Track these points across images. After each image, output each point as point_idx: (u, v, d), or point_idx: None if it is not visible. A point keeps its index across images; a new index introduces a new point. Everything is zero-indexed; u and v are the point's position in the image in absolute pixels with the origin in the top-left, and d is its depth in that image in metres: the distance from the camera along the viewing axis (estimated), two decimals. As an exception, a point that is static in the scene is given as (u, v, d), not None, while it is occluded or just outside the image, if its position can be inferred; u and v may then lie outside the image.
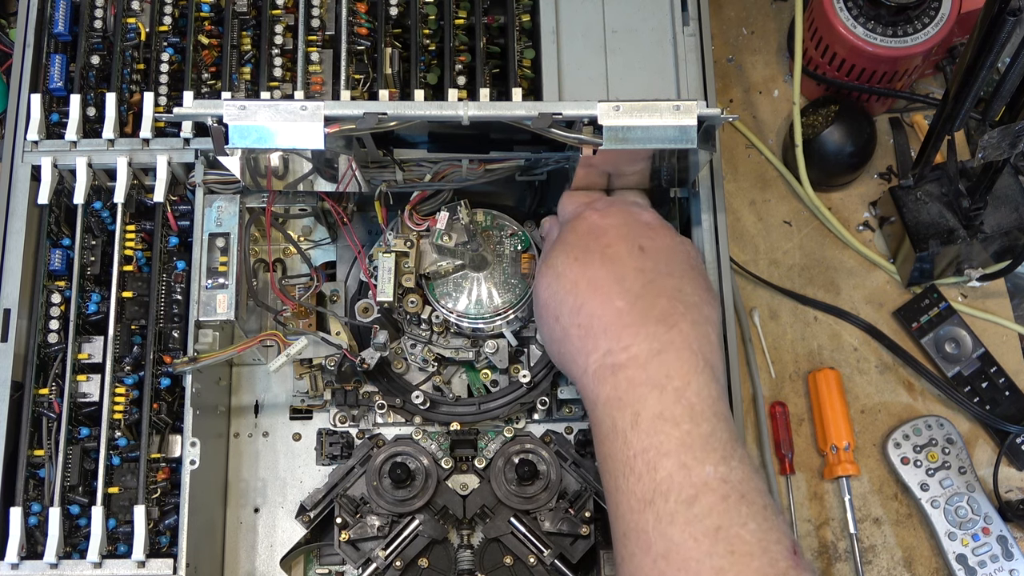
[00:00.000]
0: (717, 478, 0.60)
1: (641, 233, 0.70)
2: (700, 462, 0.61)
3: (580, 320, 0.67)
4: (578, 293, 0.68)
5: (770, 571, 0.58)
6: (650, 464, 0.61)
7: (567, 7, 0.82)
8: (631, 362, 0.65)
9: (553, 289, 0.69)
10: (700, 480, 0.60)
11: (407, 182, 0.76)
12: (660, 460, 0.61)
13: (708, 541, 0.59)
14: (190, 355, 0.73)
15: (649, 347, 0.65)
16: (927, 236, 0.90)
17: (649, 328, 0.65)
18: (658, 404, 0.63)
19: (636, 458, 0.62)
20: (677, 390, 0.63)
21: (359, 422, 0.81)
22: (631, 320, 0.66)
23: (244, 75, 0.82)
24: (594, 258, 0.69)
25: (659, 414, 0.62)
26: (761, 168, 1.01)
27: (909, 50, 0.91)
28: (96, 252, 0.77)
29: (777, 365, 0.95)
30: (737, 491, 0.60)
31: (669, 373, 0.64)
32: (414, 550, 0.76)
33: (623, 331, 0.65)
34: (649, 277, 0.68)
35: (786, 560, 0.59)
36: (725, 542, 0.59)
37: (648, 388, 0.63)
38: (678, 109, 0.66)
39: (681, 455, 0.61)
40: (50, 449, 0.73)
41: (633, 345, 0.65)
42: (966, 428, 0.92)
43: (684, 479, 0.60)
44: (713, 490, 0.60)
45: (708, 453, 0.61)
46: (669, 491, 0.60)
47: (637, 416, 0.63)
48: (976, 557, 0.87)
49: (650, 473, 0.61)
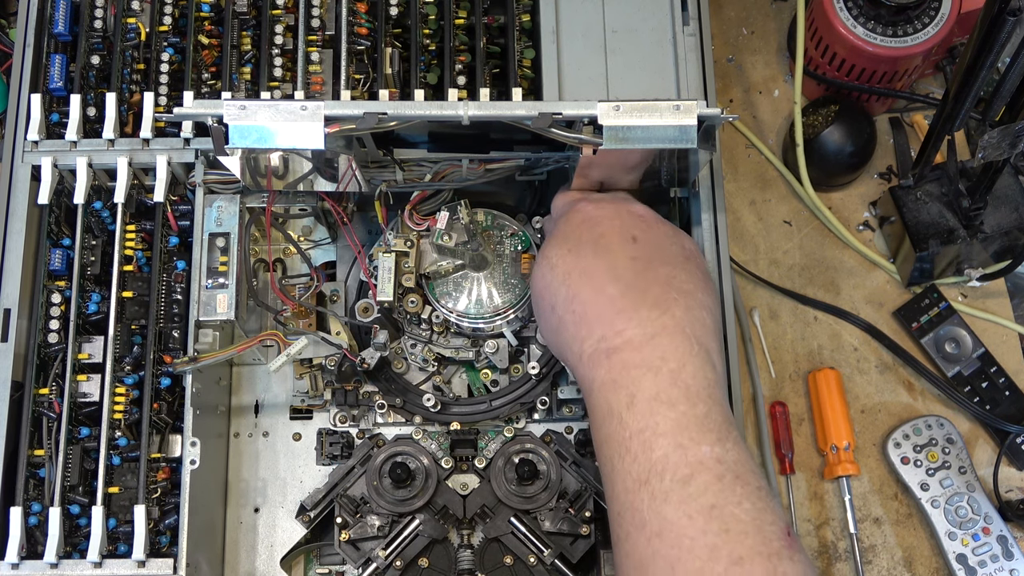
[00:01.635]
0: (712, 458, 0.61)
1: (634, 224, 0.71)
2: (696, 442, 0.61)
3: (574, 308, 0.68)
4: (571, 283, 0.68)
5: (764, 549, 0.58)
6: (646, 444, 0.62)
7: (567, 7, 0.82)
8: (625, 345, 0.65)
9: (548, 280, 0.70)
10: (696, 459, 0.61)
11: (407, 182, 0.76)
12: (656, 440, 0.61)
13: (702, 519, 0.59)
14: (190, 355, 0.74)
15: (643, 331, 0.65)
16: (927, 236, 0.90)
17: (642, 313, 0.65)
18: (653, 386, 0.63)
19: (632, 439, 0.62)
20: (672, 372, 0.63)
21: (359, 422, 0.82)
22: (624, 306, 0.66)
23: (244, 75, 0.82)
24: (587, 248, 0.69)
25: (655, 395, 0.63)
26: (761, 168, 1.01)
27: (909, 50, 0.91)
28: (96, 252, 0.77)
29: (777, 365, 0.95)
30: (732, 471, 0.61)
31: (664, 355, 0.64)
32: (414, 550, 0.76)
33: (616, 317, 0.66)
34: (642, 265, 0.68)
35: (780, 540, 0.59)
36: (719, 520, 0.59)
37: (643, 370, 0.64)
38: (678, 109, 0.66)
39: (677, 435, 0.61)
40: (50, 449, 0.73)
41: (627, 330, 0.65)
42: (966, 428, 0.92)
43: (680, 459, 0.61)
44: (708, 469, 0.60)
45: (704, 433, 0.62)
46: (664, 470, 0.61)
47: (633, 398, 0.63)
48: (976, 557, 0.87)
49: (646, 453, 0.61)
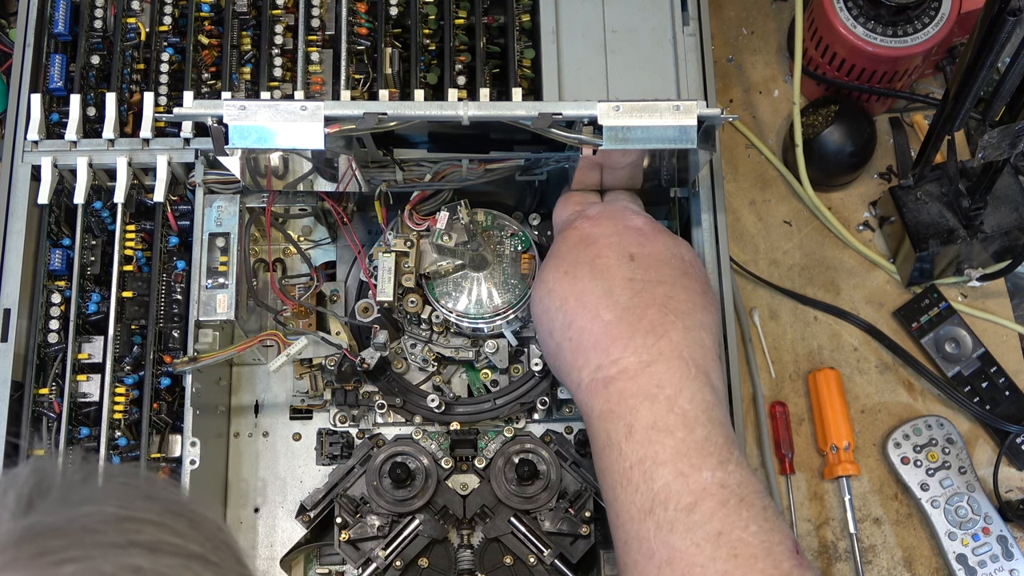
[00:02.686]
0: (715, 483, 0.60)
1: (632, 241, 0.70)
2: (697, 468, 0.61)
3: (571, 335, 0.67)
4: (567, 309, 0.68)
5: (774, 572, 0.58)
6: (647, 474, 0.61)
7: (567, 7, 0.82)
8: (621, 375, 0.64)
9: (545, 304, 0.70)
10: (698, 487, 0.60)
11: (407, 182, 0.76)
12: (656, 470, 0.61)
13: (710, 546, 0.59)
14: (190, 355, 0.74)
15: (639, 359, 0.64)
16: (927, 236, 0.90)
17: (638, 340, 0.65)
18: (650, 414, 0.63)
19: (632, 469, 0.62)
20: (669, 399, 0.63)
21: (359, 422, 0.81)
22: (619, 333, 0.66)
23: (244, 75, 0.82)
24: (583, 271, 0.69)
25: (652, 424, 0.62)
26: (761, 168, 1.01)
27: (909, 50, 0.91)
28: (96, 252, 0.77)
29: (777, 365, 0.95)
30: (736, 495, 0.60)
31: (660, 383, 0.64)
32: (414, 550, 0.76)
33: (612, 345, 0.65)
34: (638, 287, 0.67)
35: (789, 560, 0.59)
36: (728, 546, 0.59)
37: (639, 399, 0.63)
38: (678, 109, 0.66)
39: (677, 463, 0.61)
40: (50, 449, 0.73)
41: (623, 358, 0.65)
42: (966, 428, 0.92)
43: (682, 487, 0.60)
44: (712, 495, 0.60)
45: (704, 459, 0.61)
46: (668, 500, 0.60)
47: (630, 428, 0.63)
48: (976, 557, 0.87)
49: (647, 483, 0.61)
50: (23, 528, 0.38)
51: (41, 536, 0.38)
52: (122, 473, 0.43)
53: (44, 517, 0.39)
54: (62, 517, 0.39)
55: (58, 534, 0.38)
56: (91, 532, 0.39)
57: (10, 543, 0.37)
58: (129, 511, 0.40)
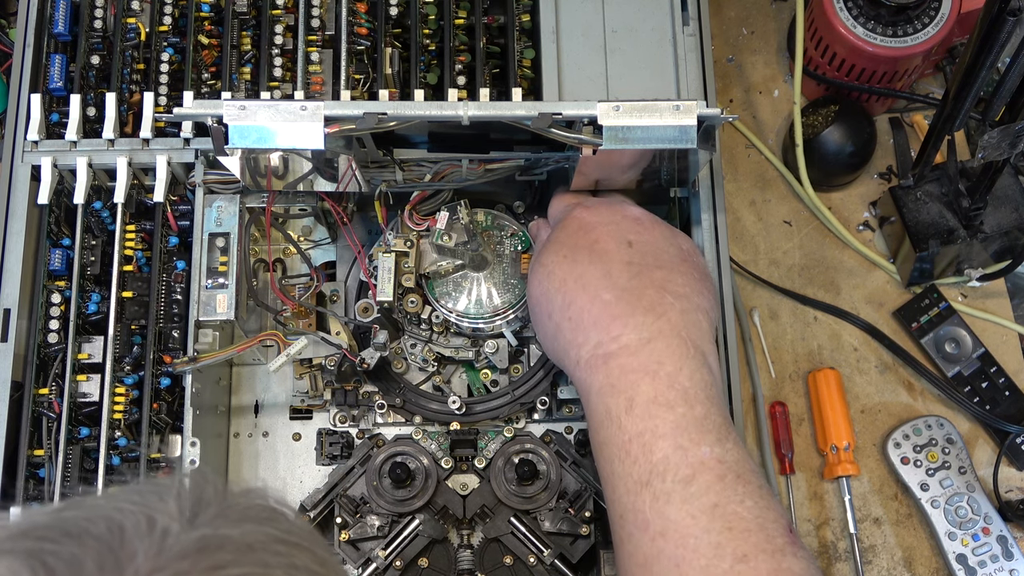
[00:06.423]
0: (713, 458, 0.61)
1: (629, 228, 0.71)
2: (696, 443, 0.62)
3: (570, 314, 0.68)
4: (567, 290, 0.69)
5: (767, 547, 0.59)
6: (646, 447, 0.62)
7: (567, 7, 0.82)
8: (622, 351, 0.65)
9: (544, 287, 0.70)
10: (696, 460, 0.61)
11: (407, 182, 0.76)
12: (656, 442, 0.62)
13: (706, 518, 0.59)
14: (190, 355, 0.74)
15: (639, 336, 0.65)
16: (927, 236, 0.90)
17: (637, 318, 0.66)
18: (651, 389, 0.63)
19: (631, 442, 0.63)
20: (670, 375, 0.64)
21: (359, 422, 0.81)
22: (619, 311, 0.66)
23: (244, 75, 0.82)
24: (582, 255, 0.69)
25: (653, 398, 0.63)
26: (761, 168, 1.01)
27: (909, 50, 0.91)
28: (96, 252, 0.77)
29: (777, 365, 0.95)
30: (733, 471, 0.61)
31: (660, 359, 0.64)
32: (414, 550, 0.76)
33: (612, 322, 0.66)
34: (636, 270, 0.68)
35: (783, 537, 0.59)
36: (722, 519, 0.59)
37: (640, 374, 0.64)
38: (678, 109, 0.66)
39: (677, 437, 0.62)
40: (50, 449, 0.73)
41: (623, 335, 0.66)
42: (966, 428, 0.92)
43: (680, 459, 0.61)
44: (710, 469, 0.61)
45: (703, 434, 0.62)
46: (666, 471, 0.61)
47: (631, 401, 0.63)
48: (976, 557, 0.87)
49: (646, 455, 0.62)
50: (196, 539, 0.38)
51: (209, 548, 0.38)
52: (259, 495, 0.44)
53: (211, 530, 0.39)
54: (227, 531, 0.39)
55: (223, 548, 0.38)
56: (254, 549, 0.39)
57: (188, 552, 0.38)
58: (284, 534, 0.41)
